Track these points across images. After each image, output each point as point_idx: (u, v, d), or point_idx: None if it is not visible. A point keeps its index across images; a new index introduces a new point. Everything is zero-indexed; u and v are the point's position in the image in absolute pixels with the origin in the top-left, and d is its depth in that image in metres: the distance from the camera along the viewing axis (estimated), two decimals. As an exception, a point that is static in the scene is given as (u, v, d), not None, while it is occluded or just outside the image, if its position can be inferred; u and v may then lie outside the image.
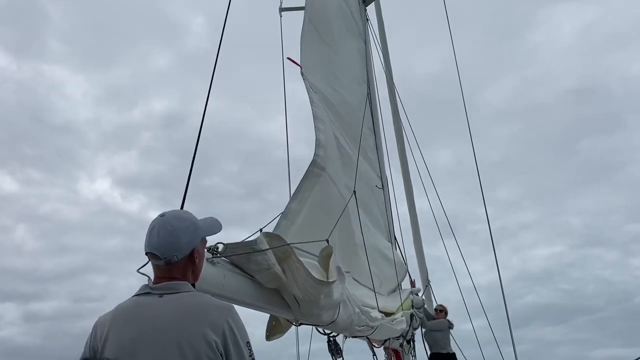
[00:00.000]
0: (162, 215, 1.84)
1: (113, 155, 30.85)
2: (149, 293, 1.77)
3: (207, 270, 2.70)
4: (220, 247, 2.79)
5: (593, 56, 34.95)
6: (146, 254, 1.83)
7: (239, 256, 2.85)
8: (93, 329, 1.77)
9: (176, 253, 1.79)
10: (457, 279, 6.90)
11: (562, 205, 32.87)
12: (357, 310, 3.54)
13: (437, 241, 7.30)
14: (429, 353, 7.25)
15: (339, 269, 3.20)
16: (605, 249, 31.75)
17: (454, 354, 7.41)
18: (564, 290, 28.60)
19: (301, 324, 3.44)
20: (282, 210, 3.63)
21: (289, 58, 5.55)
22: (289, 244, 3.00)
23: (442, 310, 7.54)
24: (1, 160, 25.45)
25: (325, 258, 3.19)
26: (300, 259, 2.95)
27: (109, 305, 1.81)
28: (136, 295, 1.80)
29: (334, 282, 3.08)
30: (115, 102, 32.13)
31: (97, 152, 30.61)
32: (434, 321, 7.37)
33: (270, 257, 2.91)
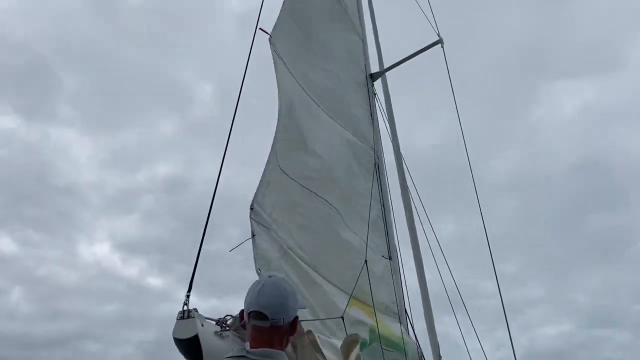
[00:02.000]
0: (270, 277, 1.87)
1: (114, 218, 30.50)
2: (244, 357, 1.72)
3: (215, 344, 2.57)
4: (229, 320, 2.66)
5: (594, 132, 35.44)
6: (248, 313, 1.79)
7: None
8: None
9: (284, 316, 1.77)
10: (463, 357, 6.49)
11: (569, 282, 32.19)
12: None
13: (439, 318, 6.98)
14: None
15: (358, 358, 3.06)
16: (616, 329, 30.77)
17: None
18: (576, 373, 27.23)
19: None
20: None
21: (261, 29, 4.31)
22: (306, 319, 2.87)
23: None
24: (2, 220, 25.25)
25: (349, 345, 3.06)
26: (318, 336, 2.80)
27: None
28: (231, 357, 1.75)
29: None
30: (120, 166, 32.32)
31: (99, 215, 30.25)
32: None
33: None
